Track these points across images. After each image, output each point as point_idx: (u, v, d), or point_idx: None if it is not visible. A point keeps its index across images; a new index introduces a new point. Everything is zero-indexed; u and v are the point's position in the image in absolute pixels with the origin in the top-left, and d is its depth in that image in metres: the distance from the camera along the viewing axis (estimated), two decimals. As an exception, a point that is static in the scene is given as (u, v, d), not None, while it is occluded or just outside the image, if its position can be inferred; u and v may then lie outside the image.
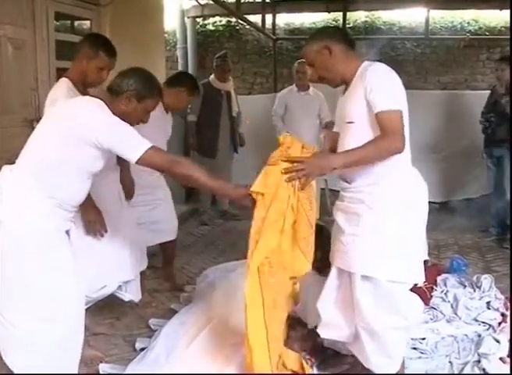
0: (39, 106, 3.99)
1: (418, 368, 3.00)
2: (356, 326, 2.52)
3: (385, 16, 8.27)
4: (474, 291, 3.67)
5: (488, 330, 3.34)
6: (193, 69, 8.11)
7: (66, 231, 2.49)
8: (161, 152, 2.41)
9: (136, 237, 3.31)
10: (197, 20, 8.43)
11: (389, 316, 2.44)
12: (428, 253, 2.79)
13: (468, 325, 3.37)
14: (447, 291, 3.64)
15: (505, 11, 7.41)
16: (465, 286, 3.75)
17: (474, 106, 6.69)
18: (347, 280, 2.53)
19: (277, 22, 8.29)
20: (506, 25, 7.74)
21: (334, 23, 8.33)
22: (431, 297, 3.56)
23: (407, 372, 2.80)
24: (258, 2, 7.92)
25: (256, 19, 7.80)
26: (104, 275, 2.95)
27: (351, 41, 2.60)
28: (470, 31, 7.92)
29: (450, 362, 3.08)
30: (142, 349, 3.21)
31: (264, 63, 8.49)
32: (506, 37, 7.49)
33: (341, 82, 2.54)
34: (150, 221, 3.87)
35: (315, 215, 2.51)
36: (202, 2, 7.89)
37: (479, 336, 3.27)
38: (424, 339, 3.21)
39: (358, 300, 2.45)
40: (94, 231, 2.97)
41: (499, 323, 3.38)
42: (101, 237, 2.98)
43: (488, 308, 3.50)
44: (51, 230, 2.36)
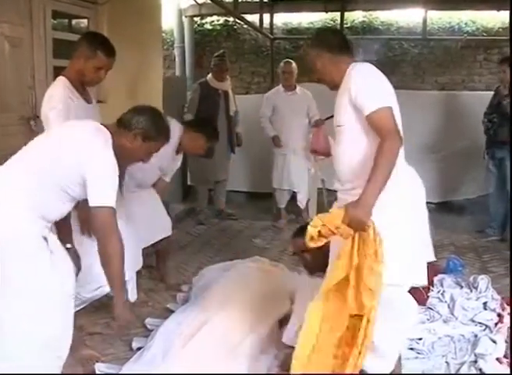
0: (36, 104, 3.97)
1: (415, 368, 3.00)
2: None
3: (382, 17, 8.26)
4: (471, 291, 3.67)
5: (484, 330, 3.33)
6: (191, 69, 8.11)
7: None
8: (111, 218, 2.40)
9: (132, 236, 3.30)
10: (195, 19, 8.42)
11: (382, 317, 2.43)
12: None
13: (465, 325, 3.37)
14: (444, 291, 3.64)
15: (502, 12, 7.42)
16: (462, 286, 3.75)
17: (471, 107, 6.72)
18: None
19: (275, 21, 8.28)
20: (504, 26, 7.75)
21: (332, 22, 8.33)
22: (427, 297, 3.56)
23: (403, 372, 2.81)
24: (256, 2, 7.91)
25: (254, 18, 7.79)
26: (100, 275, 2.94)
27: (344, 42, 2.63)
28: (467, 32, 7.92)
29: (447, 363, 3.08)
30: (138, 349, 3.21)
31: (262, 63, 8.48)
32: (503, 37, 7.50)
33: (335, 85, 2.57)
34: (142, 220, 3.86)
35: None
36: (200, 1, 7.88)
37: (476, 336, 3.27)
38: (420, 339, 3.21)
39: None
40: (89, 231, 2.96)
41: (496, 324, 3.38)
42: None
43: (485, 309, 3.50)
44: (32, 236, 2.35)
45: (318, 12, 8.22)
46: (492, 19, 7.94)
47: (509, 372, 2.97)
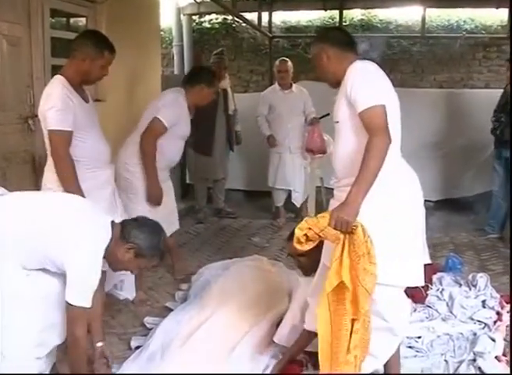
0: (34, 103, 3.96)
1: (414, 367, 3.00)
2: None
3: (381, 14, 8.27)
4: (470, 289, 3.68)
5: (483, 328, 3.34)
6: (189, 67, 8.09)
7: None
8: (82, 317, 2.41)
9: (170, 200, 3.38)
10: (193, 18, 8.42)
11: (376, 318, 2.41)
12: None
13: (464, 323, 3.38)
14: (443, 289, 3.65)
15: (501, 9, 7.42)
16: (461, 284, 3.76)
17: (470, 105, 6.72)
18: None
19: (273, 20, 8.27)
20: (503, 24, 7.75)
21: (330, 21, 8.33)
22: (426, 295, 3.57)
23: (402, 371, 2.80)
24: (255, 0, 7.90)
25: (252, 16, 7.80)
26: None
27: (350, 40, 2.66)
28: (466, 30, 7.92)
29: (446, 361, 3.08)
30: (137, 347, 3.20)
31: (260, 61, 8.48)
32: (502, 35, 7.50)
33: (336, 83, 2.56)
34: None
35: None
36: (198, 0, 7.87)
37: (475, 334, 3.28)
38: (419, 338, 3.22)
39: None
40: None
41: (495, 322, 3.39)
42: None
43: (484, 307, 3.51)
44: None
45: (316, 10, 8.21)
46: (491, 17, 7.94)
47: (508, 370, 2.97)
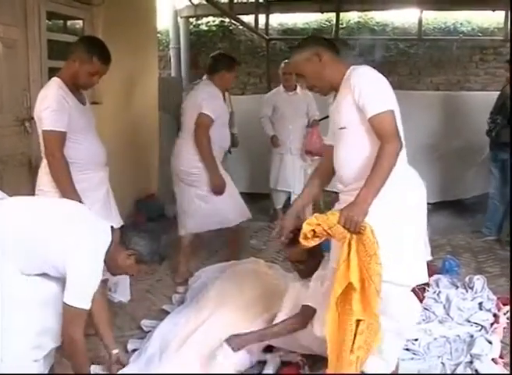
0: (31, 106, 3.95)
1: (411, 369, 2.99)
2: None
3: (378, 17, 8.29)
4: (467, 291, 3.68)
5: (480, 330, 3.34)
6: (186, 69, 8.10)
7: None
8: (81, 319, 2.43)
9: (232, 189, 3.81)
10: (190, 20, 8.43)
11: (382, 317, 2.43)
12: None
13: (461, 326, 3.38)
14: (439, 291, 3.64)
15: (498, 12, 7.45)
16: (457, 287, 3.76)
17: (467, 107, 6.72)
18: None
19: (270, 22, 8.30)
20: (499, 26, 7.78)
21: (327, 23, 8.35)
22: (423, 298, 3.56)
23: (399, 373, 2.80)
24: (251, 2, 7.92)
25: (249, 19, 7.82)
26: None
27: (337, 48, 2.62)
28: (463, 32, 7.95)
29: (443, 363, 3.08)
30: (134, 350, 3.20)
31: (258, 63, 8.49)
32: (499, 38, 7.53)
33: (331, 89, 2.55)
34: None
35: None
36: (195, 2, 7.88)
37: (471, 337, 3.28)
38: (416, 340, 3.21)
39: None
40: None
41: (492, 324, 3.39)
42: None
43: (481, 309, 3.51)
44: None
45: (313, 12, 8.25)
46: (488, 19, 7.97)
47: (505, 372, 2.98)
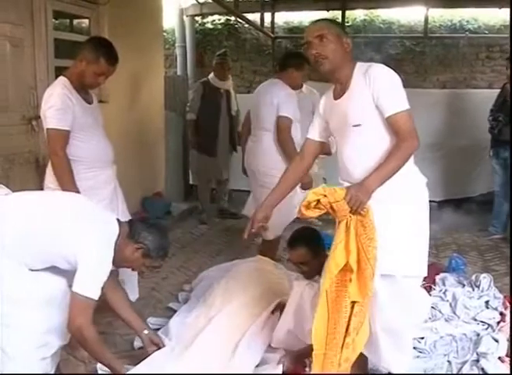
0: (37, 105, 3.97)
1: (417, 367, 2.99)
2: (371, 325, 2.48)
3: (384, 15, 8.25)
4: (473, 290, 3.66)
5: (486, 329, 3.33)
6: (192, 68, 8.11)
7: None
8: (89, 309, 2.46)
9: None
10: (196, 19, 8.42)
11: (404, 312, 2.48)
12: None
13: (467, 324, 3.37)
14: (446, 290, 3.63)
15: (504, 9, 7.40)
16: (464, 285, 3.75)
17: (473, 105, 6.70)
18: None
19: (276, 20, 8.27)
20: (505, 23, 7.73)
21: (333, 21, 8.31)
22: (429, 296, 3.56)
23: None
24: (257, 1, 7.91)
25: (255, 17, 7.80)
26: None
27: None
28: (469, 30, 7.90)
29: (449, 362, 3.08)
30: (140, 348, 3.20)
31: (263, 62, 8.48)
32: (505, 35, 7.48)
33: (332, 72, 2.49)
34: None
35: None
36: (201, 1, 7.88)
37: (478, 335, 3.27)
38: (422, 338, 3.20)
39: (377, 299, 2.43)
40: None
41: (498, 323, 3.38)
42: None
43: (487, 308, 3.50)
44: None
45: (319, 10, 8.19)
46: (494, 16, 7.92)
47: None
